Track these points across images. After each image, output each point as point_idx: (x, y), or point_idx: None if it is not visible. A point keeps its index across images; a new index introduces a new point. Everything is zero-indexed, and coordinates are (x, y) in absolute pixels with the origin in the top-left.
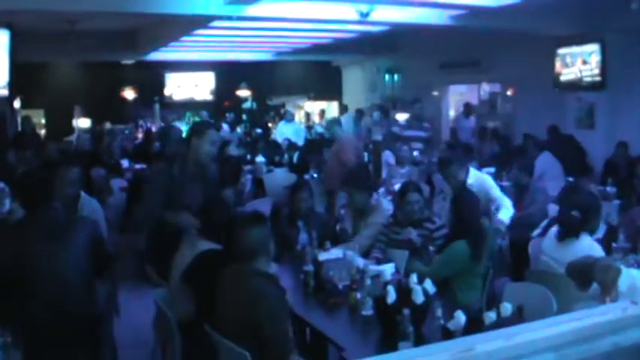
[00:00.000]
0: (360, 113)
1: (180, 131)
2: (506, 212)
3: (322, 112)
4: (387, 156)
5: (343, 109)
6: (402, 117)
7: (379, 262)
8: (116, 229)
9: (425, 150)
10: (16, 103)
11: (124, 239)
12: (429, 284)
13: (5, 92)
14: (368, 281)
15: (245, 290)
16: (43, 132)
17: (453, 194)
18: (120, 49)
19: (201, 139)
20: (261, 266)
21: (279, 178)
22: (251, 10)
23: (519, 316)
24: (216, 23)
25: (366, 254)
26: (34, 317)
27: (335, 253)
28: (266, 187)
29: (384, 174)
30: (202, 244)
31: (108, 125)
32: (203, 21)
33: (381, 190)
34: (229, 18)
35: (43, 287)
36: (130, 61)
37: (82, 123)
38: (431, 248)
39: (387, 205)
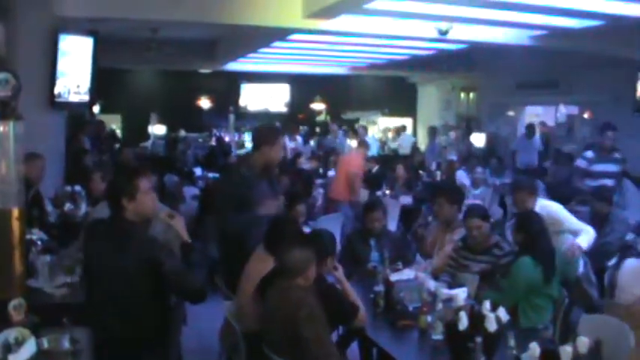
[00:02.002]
0: (433, 131)
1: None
2: (585, 236)
3: (400, 128)
4: (461, 176)
5: (401, 128)
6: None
7: (449, 286)
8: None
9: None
10: (95, 108)
11: (193, 259)
12: (502, 312)
13: (86, 98)
14: (439, 305)
15: (285, 302)
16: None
17: (517, 217)
18: (198, 58)
19: (273, 146)
20: (300, 284)
21: None
22: (329, 24)
23: (597, 352)
24: (294, 36)
25: (435, 276)
26: (103, 320)
27: (407, 274)
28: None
29: None
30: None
31: (182, 133)
32: (282, 33)
33: None
34: (308, 31)
35: (107, 293)
36: (207, 71)
37: (158, 130)
38: (497, 276)
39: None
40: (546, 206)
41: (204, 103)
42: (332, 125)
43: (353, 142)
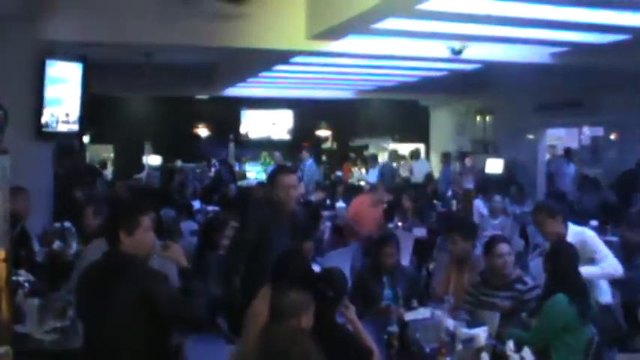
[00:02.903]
0: (447, 157)
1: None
2: (594, 267)
3: (414, 154)
4: (479, 205)
5: (415, 153)
6: None
7: (469, 324)
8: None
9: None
10: (85, 138)
11: (193, 286)
12: (527, 353)
13: (75, 127)
14: (459, 346)
15: (273, 343)
16: (110, 168)
17: (549, 246)
18: (195, 84)
19: (274, 185)
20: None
21: None
22: (335, 46)
23: None
24: (297, 59)
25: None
26: None
27: (422, 312)
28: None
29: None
30: None
31: (179, 163)
32: (284, 56)
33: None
34: (312, 54)
35: (103, 340)
36: (204, 96)
37: (152, 160)
38: (523, 314)
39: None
40: (580, 233)
41: (202, 131)
42: (302, 151)
43: (356, 171)
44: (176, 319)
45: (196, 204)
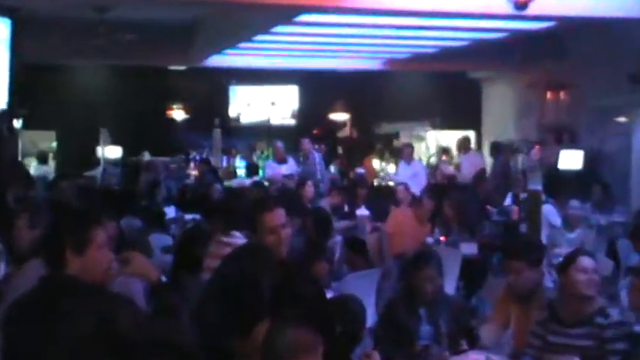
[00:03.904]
0: (497, 148)
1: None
2: None
3: (462, 144)
4: (549, 213)
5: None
6: None
7: None
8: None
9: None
10: (17, 121)
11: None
12: None
13: (2, 105)
14: None
15: None
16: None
17: None
18: (168, 51)
19: (256, 228)
20: None
21: None
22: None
23: None
24: (303, 17)
25: None
26: None
27: (474, 358)
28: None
29: (542, 238)
30: None
31: (147, 156)
32: (287, 14)
33: None
34: (326, 10)
35: None
36: (181, 68)
37: (111, 152)
38: None
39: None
40: None
41: (178, 113)
42: (303, 142)
43: (389, 167)
44: (150, 347)
45: (170, 211)
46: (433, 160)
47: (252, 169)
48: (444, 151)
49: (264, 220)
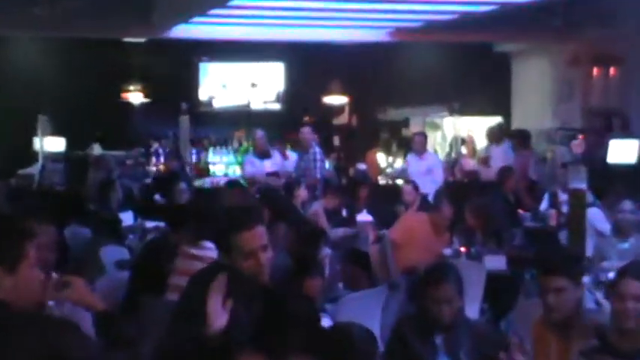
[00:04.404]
0: (522, 139)
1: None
2: None
3: (494, 133)
4: (596, 217)
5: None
6: None
7: None
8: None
9: None
10: None
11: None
12: None
13: None
14: None
15: None
16: None
17: None
18: (122, 19)
19: (231, 251)
20: None
21: None
22: None
23: None
24: None
25: None
26: None
27: None
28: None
29: (588, 249)
30: None
31: (96, 150)
32: None
33: (585, 279)
34: None
35: None
36: (139, 40)
37: (52, 145)
38: None
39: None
40: None
41: (135, 96)
42: (303, 131)
43: (397, 162)
44: None
45: (127, 217)
46: (451, 152)
47: (228, 166)
48: (465, 141)
49: (240, 242)
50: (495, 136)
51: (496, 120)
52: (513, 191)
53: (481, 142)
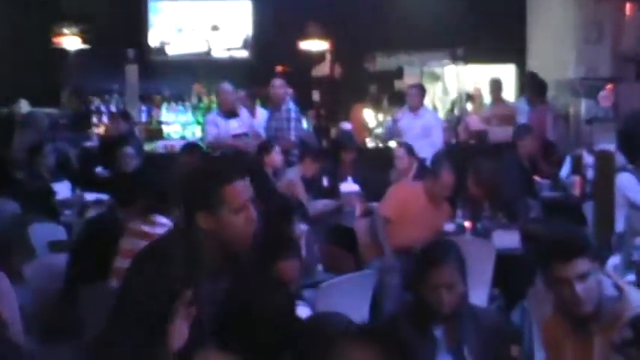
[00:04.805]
0: (538, 90)
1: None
2: None
3: (495, 85)
4: (628, 185)
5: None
6: None
7: None
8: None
9: None
10: None
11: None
12: None
13: None
14: None
15: None
16: None
17: None
18: None
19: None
20: None
21: None
22: None
23: None
24: None
25: None
26: None
27: None
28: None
29: (618, 222)
30: None
31: (24, 107)
32: None
33: (613, 261)
34: None
35: None
36: None
37: None
38: None
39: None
40: None
41: (71, 42)
42: (274, 84)
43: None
44: None
45: (63, 189)
46: (454, 108)
47: (185, 126)
48: (471, 96)
49: (228, 196)
50: (496, 91)
51: (508, 69)
52: (530, 155)
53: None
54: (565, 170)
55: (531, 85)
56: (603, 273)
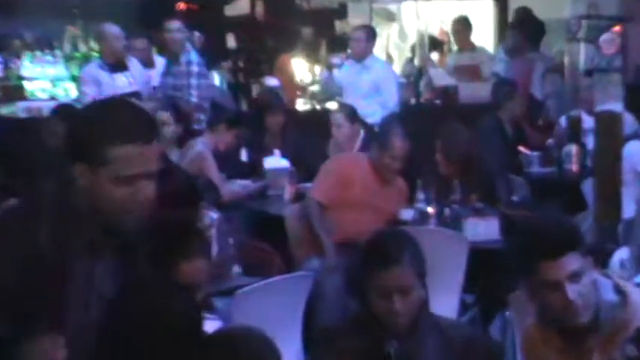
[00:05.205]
0: (522, 34)
1: None
2: None
3: (460, 26)
4: (638, 157)
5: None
6: None
7: None
8: None
9: None
10: None
11: None
12: None
13: None
14: None
15: None
16: None
17: None
18: None
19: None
20: None
21: None
22: None
23: None
24: None
25: None
26: None
27: None
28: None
29: (626, 206)
30: None
31: None
32: None
33: (619, 256)
34: None
35: None
36: None
37: None
38: None
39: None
40: None
41: None
42: (170, 26)
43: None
44: None
45: None
46: (414, 58)
47: (56, 83)
48: (437, 41)
49: (112, 158)
50: (462, 34)
51: (485, 4)
52: (515, 120)
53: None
54: (558, 139)
55: (519, 27)
56: (601, 273)
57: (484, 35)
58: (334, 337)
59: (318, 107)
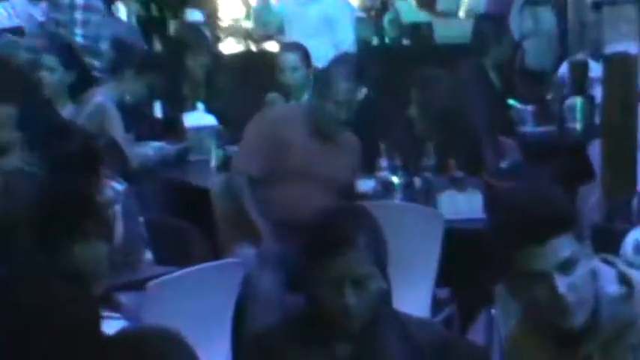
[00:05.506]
0: None
1: None
2: None
3: None
4: None
5: None
6: None
7: None
8: None
9: None
10: None
11: None
12: None
13: None
14: None
15: None
16: None
17: None
18: None
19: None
20: None
21: None
22: None
23: None
24: None
25: None
26: None
27: None
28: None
29: None
30: None
31: None
32: None
33: (633, 237)
34: None
35: None
36: None
37: None
38: None
39: None
40: None
41: None
42: None
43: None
44: None
45: None
46: None
47: None
48: None
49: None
50: None
51: None
52: (501, 66)
53: None
54: (557, 89)
55: None
56: (601, 258)
57: None
58: (271, 342)
59: (253, 48)
